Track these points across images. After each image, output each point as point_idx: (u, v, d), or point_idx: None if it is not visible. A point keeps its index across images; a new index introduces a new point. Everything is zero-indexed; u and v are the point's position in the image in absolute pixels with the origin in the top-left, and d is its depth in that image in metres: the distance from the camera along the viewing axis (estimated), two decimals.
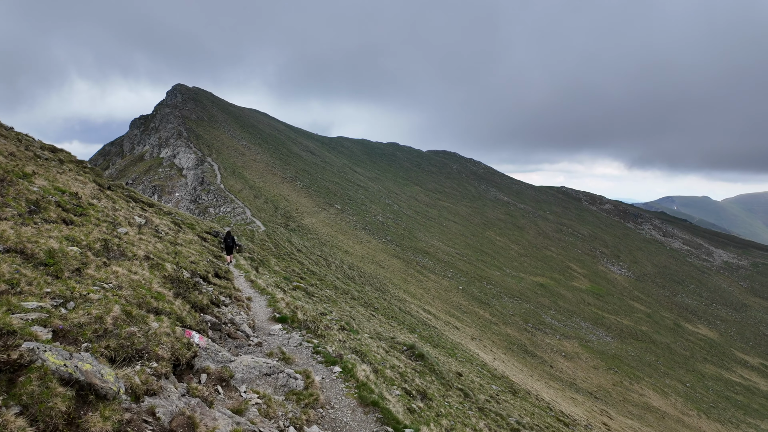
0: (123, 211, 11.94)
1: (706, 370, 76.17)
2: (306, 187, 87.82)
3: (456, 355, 28.53)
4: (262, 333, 11.48)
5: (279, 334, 11.68)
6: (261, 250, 29.04)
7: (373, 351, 13.68)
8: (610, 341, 74.80)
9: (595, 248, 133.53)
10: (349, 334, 14.27)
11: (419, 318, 40.73)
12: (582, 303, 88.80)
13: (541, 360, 56.48)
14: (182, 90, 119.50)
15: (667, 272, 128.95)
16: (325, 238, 63.35)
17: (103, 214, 11.13)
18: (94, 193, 11.95)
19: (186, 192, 68.62)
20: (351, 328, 15.58)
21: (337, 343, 12.41)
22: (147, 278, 8.50)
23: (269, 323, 12.61)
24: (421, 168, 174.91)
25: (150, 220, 12.80)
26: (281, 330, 11.96)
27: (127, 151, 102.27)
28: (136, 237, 11.27)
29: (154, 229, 12.28)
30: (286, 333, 11.81)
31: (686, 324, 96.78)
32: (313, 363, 9.94)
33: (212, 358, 6.94)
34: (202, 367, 6.57)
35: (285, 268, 26.17)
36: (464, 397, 14.93)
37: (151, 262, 9.65)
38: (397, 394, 11.11)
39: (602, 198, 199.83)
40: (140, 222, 11.70)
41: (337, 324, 14.96)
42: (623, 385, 59.35)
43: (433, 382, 14.35)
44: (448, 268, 75.75)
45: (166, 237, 12.62)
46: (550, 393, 41.33)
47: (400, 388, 11.84)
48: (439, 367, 15.99)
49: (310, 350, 10.74)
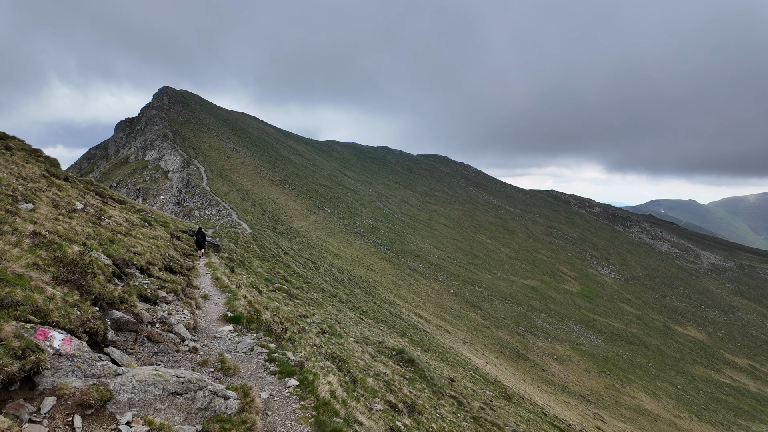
0: (65, 198, 10.94)
1: (696, 372, 76.27)
2: (295, 190, 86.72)
3: (448, 359, 27.72)
4: (206, 336, 9.95)
5: (227, 336, 10.19)
6: (244, 252, 28.01)
7: (357, 356, 12.74)
8: (601, 344, 74.56)
9: (585, 251, 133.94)
10: (330, 338, 13.24)
11: (410, 322, 39.90)
12: (573, 306, 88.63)
13: (533, 363, 55.92)
14: (169, 92, 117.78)
15: (656, 274, 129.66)
16: (315, 241, 62.34)
17: (17, 191, 9.69)
18: (34, 178, 10.85)
19: (171, 195, 67.12)
20: (333, 331, 14.61)
21: (309, 348, 11.07)
22: (11, 255, 6.67)
23: (219, 324, 11.05)
24: (411, 172, 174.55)
25: (102, 209, 11.78)
26: (231, 332, 10.45)
27: (113, 154, 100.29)
28: (50, 216, 9.62)
29: (96, 216, 11.24)
30: (237, 336, 10.30)
31: (676, 326, 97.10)
32: (262, 374, 8.26)
33: (82, 372, 5.16)
34: (53, 386, 4.69)
35: (269, 270, 25.20)
36: (458, 406, 14.06)
37: (39, 240, 7.66)
38: (379, 409, 9.87)
39: (591, 201, 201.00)
40: (79, 207, 10.68)
41: (317, 327, 13.87)
42: (615, 387, 59.00)
43: (424, 390, 13.39)
44: (439, 272, 75.07)
45: (110, 226, 11.45)
46: (543, 397, 40.71)
47: (383, 400, 10.65)
48: (430, 373, 15.10)
49: (262, 357, 9.09)
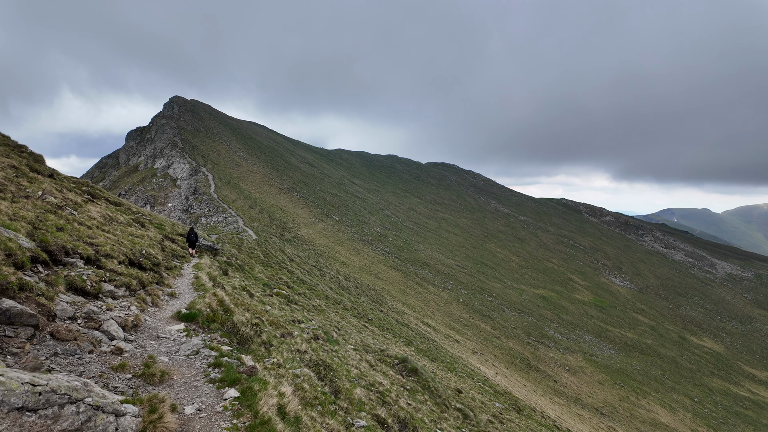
0: (30, 189, 10.53)
1: (714, 385, 74.05)
2: (303, 198, 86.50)
3: (456, 369, 26.83)
4: (147, 335, 8.72)
5: (173, 337, 9.04)
6: (247, 257, 27.50)
7: (351, 365, 11.89)
8: (614, 355, 72.79)
9: (597, 260, 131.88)
10: (323, 344, 12.45)
11: (417, 331, 39.03)
12: (585, 315, 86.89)
13: (544, 374, 54.54)
14: (179, 102, 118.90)
15: (670, 284, 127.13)
16: (322, 248, 61.81)
17: None
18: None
19: (179, 202, 67.17)
20: (329, 338, 13.82)
21: (288, 354, 9.99)
22: None
23: (169, 322, 9.85)
24: (420, 180, 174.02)
25: (77, 204, 11.34)
26: (180, 332, 9.29)
27: (123, 162, 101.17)
28: None
29: (56, 206, 10.74)
30: (185, 336, 9.11)
31: (691, 337, 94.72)
32: (199, 382, 7.05)
33: None
34: None
35: (271, 276, 24.62)
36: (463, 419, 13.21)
37: None
38: (362, 425, 8.79)
39: (603, 210, 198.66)
40: (35, 195, 10.23)
41: (311, 333, 13.05)
42: (630, 400, 57.31)
43: (426, 401, 12.55)
44: (447, 280, 74.04)
45: (72, 217, 10.85)
46: (555, 409, 39.46)
47: (370, 414, 9.53)
48: (434, 384, 14.27)
49: (207, 362, 7.83)
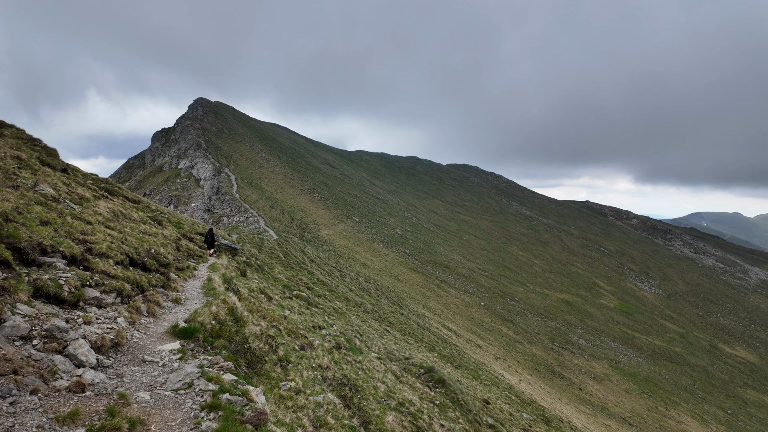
0: (29, 180, 10.22)
1: (748, 396, 70.93)
2: (324, 199, 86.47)
3: (480, 377, 25.94)
4: (131, 358, 6.74)
5: (162, 360, 6.86)
6: (267, 257, 27.18)
7: (377, 378, 11.11)
8: (642, 363, 70.42)
9: (623, 264, 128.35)
10: (346, 354, 11.54)
11: (439, 335, 38.18)
12: (610, 321, 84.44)
13: (569, 382, 52.97)
14: (203, 103, 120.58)
15: (700, 290, 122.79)
16: (342, 249, 61.47)
17: None
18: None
19: (201, 202, 67.78)
20: (352, 346, 13.08)
21: (308, 372, 8.68)
22: None
23: (162, 339, 7.80)
24: (440, 181, 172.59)
25: (84, 198, 11.02)
26: (172, 353, 7.13)
27: (149, 163, 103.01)
28: None
29: (53, 199, 10.35)
30: (178, 359, 6.95)
31: (723, 346, 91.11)
32: None
33: None
34: None
35: (291, 277, 24.23)
36: None
37: None
38: None
39: (629, 213, 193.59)
40: (28, 185, 9.87)
41: (332, 341, 12.21)
42: (658, 410, 55.22)
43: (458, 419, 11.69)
44: (469, 283, 72.85)
45: (70, 211, 10.36)
46: (582, 419, 38.10)
47: None
48: (463, 396, 13.45)
49: (201, 401, 5.71)
